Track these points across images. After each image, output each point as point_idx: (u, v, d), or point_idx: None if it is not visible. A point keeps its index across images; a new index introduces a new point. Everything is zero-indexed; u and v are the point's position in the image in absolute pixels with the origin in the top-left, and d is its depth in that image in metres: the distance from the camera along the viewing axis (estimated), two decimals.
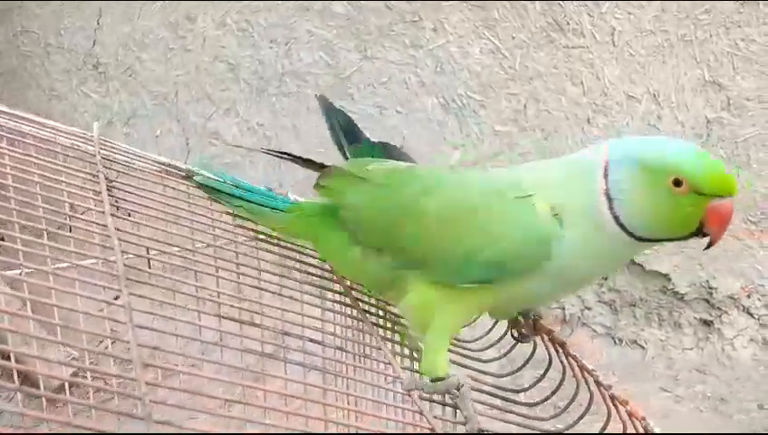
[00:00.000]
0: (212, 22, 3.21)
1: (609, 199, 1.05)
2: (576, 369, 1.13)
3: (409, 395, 1.02)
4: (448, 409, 1.07)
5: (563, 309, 3.36)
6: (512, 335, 1.32)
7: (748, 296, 3.31)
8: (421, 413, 0.98)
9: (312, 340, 1.15)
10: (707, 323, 3.35)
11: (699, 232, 1.07)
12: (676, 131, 3.19)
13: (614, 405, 1.03)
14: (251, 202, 1.39)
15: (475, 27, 3.19)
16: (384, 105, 3.25)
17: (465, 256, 1.09)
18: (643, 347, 3.35)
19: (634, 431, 0.98)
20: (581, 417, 1.10)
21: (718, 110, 3.19)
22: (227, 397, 0.96)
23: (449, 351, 1.29)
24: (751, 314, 3.32)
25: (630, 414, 0.99)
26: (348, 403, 1.17)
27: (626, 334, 3.36)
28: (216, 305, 1.27)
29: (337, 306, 1.25)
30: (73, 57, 3.30)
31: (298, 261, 1.39)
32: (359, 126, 1.44)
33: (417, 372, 1.18)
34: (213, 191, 1.43)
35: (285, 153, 1.39)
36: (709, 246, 1.11)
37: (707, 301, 3.33)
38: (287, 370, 1.13)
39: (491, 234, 1.08)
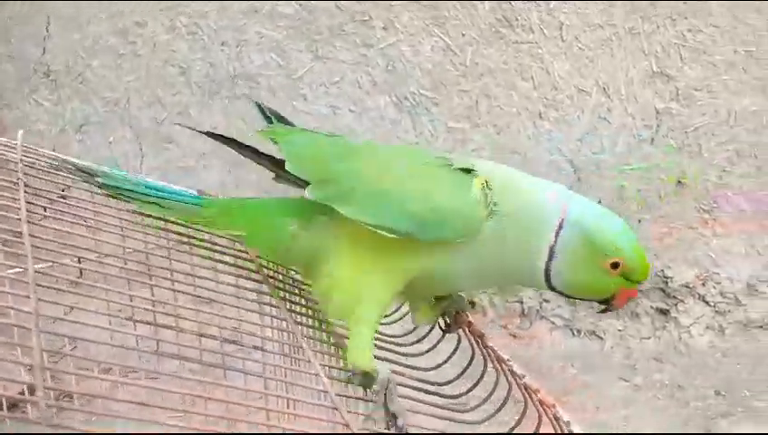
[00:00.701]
0: (161, 26, 3.21)
1: (551, 254, 1.13)
2: (495, 361, 1.15)
3: (326, 392, 1.03)
4: (361, 403, 1.08)
5: (521, 302, 3.38)
6: (439, 327, 1.35)
7: (703, 284, 3.34)
8: (336, 409, 0.99)
9: (226, 340, 1.16)
10: (664, 312, 3.39)
11: (604, 301, 1.19)
12: (627, 123, 3.22)
13: (528, 394, 1.05)
14: (163, 198, 1.37)
15: (426, 25, 3.20)
16: (337, 105, 3.26)
17: (395, 200, 1.13)
18: (601, 338, 3.38)
19: (549, 421, 0.99)
20: (500, 408, 1.12)
21: (667, 100, 3.23)
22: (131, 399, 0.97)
23: (378, 347, 1.30)
24: (707, 302, 3.36)
25: (542, 402, 1.01)
26: (266, 403, 1.18)
27: (584, 325, 3.39)
28: (150, 313, 1.28)
29: (256, 305, 1.26)
30: (24, 65, 3.29)
31: (230, 264, 1.40)
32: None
33: (346, 372, 1.19)
34: (119, 190, 1.38)
35: (218, 135, 1.39)
36: (604, 311, 1.21)
37: (663, 290, 3.36)
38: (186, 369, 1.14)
39: (427, 191, 1.13)
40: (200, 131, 1.43)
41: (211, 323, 1.23)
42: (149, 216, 1.39)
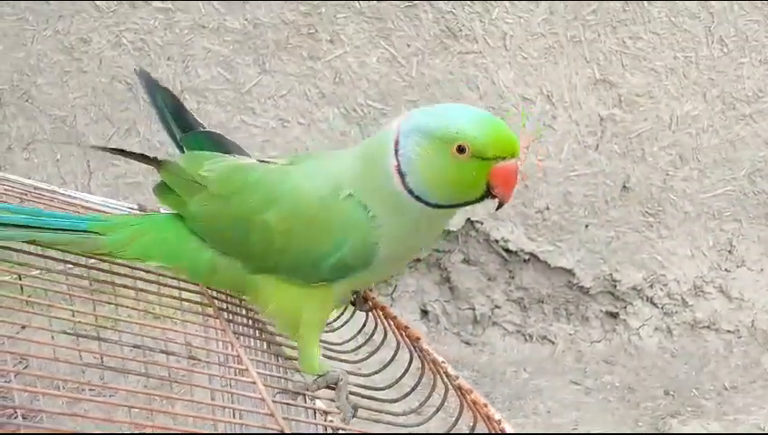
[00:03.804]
0: (107, 43, 3.20)
1: (401, 175, 1.10)
2: (431, 363, 1.17)
3: (263, 399, 1.05)
4: (300, 408, 1.11)
5: (473, 309, 3.41)
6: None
7: (651, 287, 3.40)
8: (272, 415, 1.01)
9: (192, 357, 1.18)
10: (613, 315, 3.44)
11: (489, 194, 1.11)
12: (571, 130, 3.27)
13: (462, 395, 1.07)
14: (52, 230, 1.24)
15: (371, 37, 3.23)
16: (285, 117, 3.27)
17: (313, 264, 1.15)
18: (552, 342, 3.43)
19: (482, 421, 1.02)
20: (438, 410, 1.14)
21: (610, 107, 3.29)
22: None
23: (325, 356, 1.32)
24: (654, 304, 3.42)
25: (475, 403, 1.03)
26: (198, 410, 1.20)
27: (535, 330, 3.43)
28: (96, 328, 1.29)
29: (199, 318, 1.28)
30: None
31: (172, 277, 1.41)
32: (184, 105, 1.43)
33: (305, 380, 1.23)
34: None
35: (115, 149, 1.38)
36: (499, 206, 1.14)
37: (612, 293, 3.41)
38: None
39: (333, 242, 1.13)
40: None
41: (158, 338, 1.24)
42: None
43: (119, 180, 3.27)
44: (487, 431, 1.02)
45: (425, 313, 3.44)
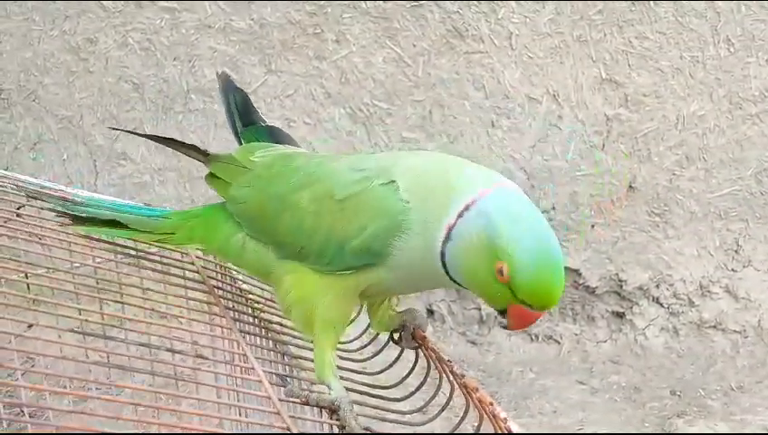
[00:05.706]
0: (113, 43, 3.21)
1: (448, 235, 1.07)
2: (437, 362, 1.17)
3: (269, 397, 1.05)
4: (306, 407, 1.11)
5: (479, 309, 3.41)
6: (392, 339, 1.34)
7: (657, 287, 3.40)
8: (278, 414, 1.01)
9: (199, 355, 1.18)
10: (619, 315, 3.43)
11: (503, 312, 1.08)
12: (577, 130, 3.27)
13: (468, 394, 1.07)
14: (129, 214, 1.41)
15: (377, 37, 3.23)
16: (292, 117, 3.28)
17: (338, 246, 1.13)
18: (558, 342, 3.42)
19: (488, 419, 1.02)
20: (443, 408, 1.14)
21: (617, 106, 3.28)
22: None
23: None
24: (661, 304, 3.41)
25: (481, 401, 1.03)
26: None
27: (541, 330, 3.43)
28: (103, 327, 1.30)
29: (205, 317, 1.28)
30: None
31: (179, 276, 1.41)
32: (254, 106, 1.49)
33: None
34: (85, 220, 1.41)
35: (169, 139, 1.42)
36: (504, 327, 1.11)
37: (618, 293, 3.41)
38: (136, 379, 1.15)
39: (358, 224, 1.12)
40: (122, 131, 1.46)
41: (164, 336, 1.25)
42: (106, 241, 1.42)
43: (125, 180, 3.27)
44: (493, 430, 1.02)
45: (431, 312, 3.44)
